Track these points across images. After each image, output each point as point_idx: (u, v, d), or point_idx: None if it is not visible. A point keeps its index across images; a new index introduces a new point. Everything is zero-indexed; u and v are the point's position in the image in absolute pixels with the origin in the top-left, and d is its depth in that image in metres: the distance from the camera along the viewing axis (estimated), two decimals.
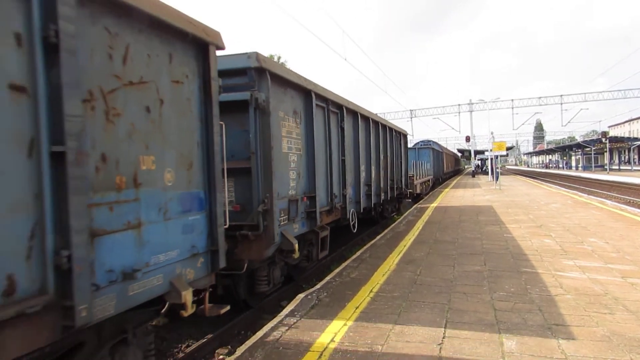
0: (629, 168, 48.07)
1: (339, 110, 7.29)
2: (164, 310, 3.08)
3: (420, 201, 17.70)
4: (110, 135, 2.55)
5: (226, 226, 3.66)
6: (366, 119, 9.11)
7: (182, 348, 4.57)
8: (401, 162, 13.48)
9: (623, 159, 59.44)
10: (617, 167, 52.79)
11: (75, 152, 2.19)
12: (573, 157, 67.24)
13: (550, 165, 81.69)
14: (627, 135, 68.54)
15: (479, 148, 46.56)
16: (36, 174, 2.08)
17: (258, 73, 4.66)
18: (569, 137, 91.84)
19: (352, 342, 3.67)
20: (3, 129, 1.93)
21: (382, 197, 10.54)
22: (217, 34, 3.57)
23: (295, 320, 4.25)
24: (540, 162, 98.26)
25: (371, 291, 5.15)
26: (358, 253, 7.43)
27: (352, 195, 7.95)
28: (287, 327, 4.08)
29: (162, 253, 2.94)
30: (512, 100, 45.07)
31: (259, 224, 4.65)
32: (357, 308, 4.57)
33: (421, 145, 26.32)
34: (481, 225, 10.10)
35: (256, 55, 4.55)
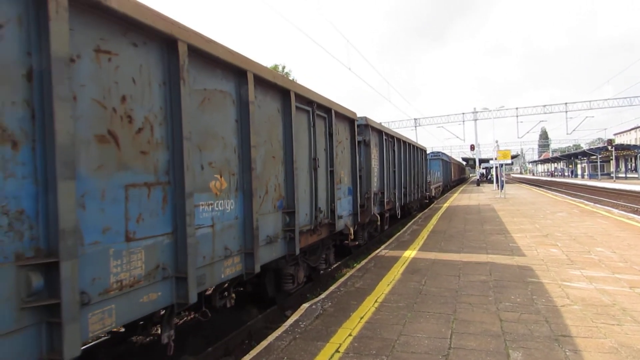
0: (636, 176, 49.38)
1: (392, 139, 11.96)
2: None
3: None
4: (336, 162, 6.93)
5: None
6: (404, 142, 13.69)
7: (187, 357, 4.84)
8: (423, 171, 18.27)
9: (630, 166, 60.77)
10: (623, 175, 54.17)
11: (334, 170, 6.83)
12: (579, 165, 68.65)
13: (556, 174, 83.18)
14: (633, 142, 69.99)
15: (483, 156, 47.76)
16: (328, 177, 6.72)
17: (365, 126, 9.35)
18: (575, 145, 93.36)
19: (357, 352, 3.80)
20: (324, 166, 6.61)
21: (412, 197, 15.07)
22: (355, 114, 8.15)
23: (299, 330, 4.36)
24: (546, 171, 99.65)
25: (376, 301, 5.27)
26: (363, 262, 7.78)
27: (398, 194, 12.38)
28: (292, 337, 4.17)
29: (344, 211, 7.43)
30: (517, 108, 46.21)
31: (365, 204, 8.94)
32: (362, 318, 4.68)
33: (431, 156, 28.63)
34: (486, 234, 10.43)
35: (365, 118, 9.32)
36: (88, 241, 2.59)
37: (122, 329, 4.27)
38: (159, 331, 3.67)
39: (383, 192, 10.49)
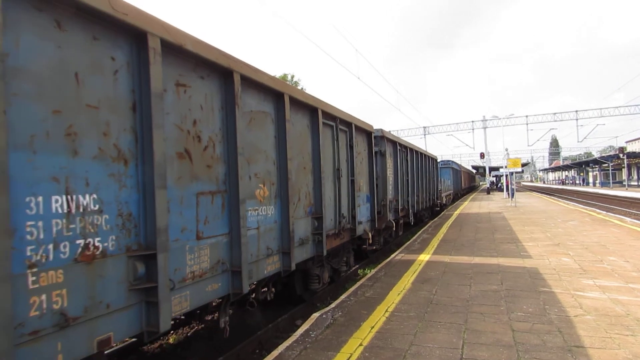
0: None
1: (405, 149, 12.72)
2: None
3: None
4: (356, 172, 7.65)
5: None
6: (416, 152, 14.39)
7: None
8: (434, 180, 18.88)
9: None
10: (635, 183, 53.72)
11: (355, 179, 7.55)
12: (590, 173, 68.39)
13: (567, 182, 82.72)
14: None
15: (493, 164, 47.95)
16: (349, 185, 7.41)
17: (381, 138, 10.13)
18: (586, 153, 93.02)
19: None
20: (346, 176, 7.30)
21: (424, 205, 15.91)
22: (372, 126, 8.91)
23: (310, 340, 4.41)
24: (557, 179, 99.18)
25: (386, 311, 5.29)
26: (373, 271, 7.89)
27: (411, 202, 13.17)
28: (302, 347, 4.22)
29: (362, 217, 8.12)
30: (527, 116, 46.45)
31: (381, 211, 9.71)
32: (372, 328, 4.70)
33: (442, 165, 29.09)
34: (497, 243, 10.49)
35: (381, 130, 10.07)
36: (172, 238, 3.23)
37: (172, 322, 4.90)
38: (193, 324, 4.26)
39: (397, 200, 11.19)
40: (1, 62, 2.08)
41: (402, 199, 11.70)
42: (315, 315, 5.18)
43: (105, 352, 3.10)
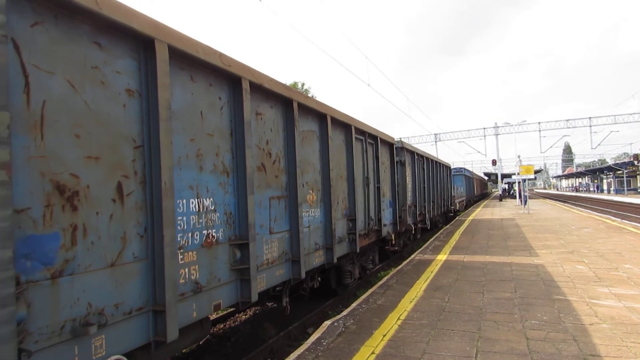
0: None
1: (422, 158, 13.96)
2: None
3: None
4: (381, 180, 8.92)
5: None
6: (432, 160, 15.66)
7: None
8: (448, 187, 20.14)
9: None
10: None
11: (380, 186, 8.80)
12: (604, 180, 68.28)
13: (581, 189, 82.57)
14: None
15: (505, 171, 48.45)
16: (376, 191, 8.67)
17: (401, 149, 11.24)
18: (600, 160, 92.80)
19: None
20: (373, 183, 8.55)
21: (439, 211, 17.10)
22: (393, 138, 10.35)
23: (322, 348, 4.44)
24: (570, 186, 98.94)
25: (399, 318, 5.31)
26: (384, 279, 7.89)
27: (428, 207, 14.28)
28: (314, 355, 4.26)
29: (387, 220, 9.45)
30: (539, 123, 46.87)
31: (401, 215, 10.80)
32: (384, 336, 4.67)
33: (455, 172, 29.88)
34: (510, 250, 10.54)
35: (401, 142, 11.26)
36: (255, 232, 4.27)
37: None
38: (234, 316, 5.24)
39: (415, 205, 12.24)
40: (169, 109, 3.15)
41: (419, 204, 12.76)
42: (327, 323, 5.22)
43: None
